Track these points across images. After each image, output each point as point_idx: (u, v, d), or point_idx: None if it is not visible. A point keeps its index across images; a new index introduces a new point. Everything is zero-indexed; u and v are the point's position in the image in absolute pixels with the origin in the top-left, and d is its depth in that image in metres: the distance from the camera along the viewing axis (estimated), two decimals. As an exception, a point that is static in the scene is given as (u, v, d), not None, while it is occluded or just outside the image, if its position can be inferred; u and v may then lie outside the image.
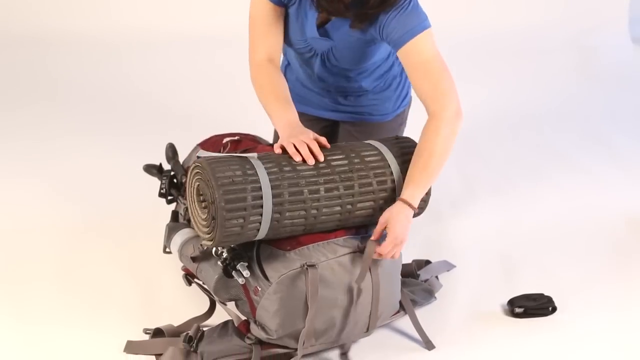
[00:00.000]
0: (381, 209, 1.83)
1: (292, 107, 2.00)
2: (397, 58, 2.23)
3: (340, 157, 1.83)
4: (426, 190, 1.84)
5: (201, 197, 1.77)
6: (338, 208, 1.79)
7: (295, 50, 2.12)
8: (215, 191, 1.67)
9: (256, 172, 1.72)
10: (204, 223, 1.75)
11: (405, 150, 1.89)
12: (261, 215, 1.70)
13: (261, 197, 1.69)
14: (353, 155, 1.84)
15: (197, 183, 1.76)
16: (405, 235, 1.79)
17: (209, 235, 1.74)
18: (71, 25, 4.11)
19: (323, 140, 1.84)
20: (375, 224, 1.83)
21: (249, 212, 1.69)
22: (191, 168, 1.78)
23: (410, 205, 1.79)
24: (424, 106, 1.89)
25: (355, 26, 1.94)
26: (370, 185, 1.82)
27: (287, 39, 2.09)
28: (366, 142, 1.93)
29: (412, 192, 1.80)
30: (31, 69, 3.82)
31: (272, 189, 1.71)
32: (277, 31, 2.03)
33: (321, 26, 2.01)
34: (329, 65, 2.12)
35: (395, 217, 1.78)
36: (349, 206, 1.80)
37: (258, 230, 1.72)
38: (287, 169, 1.75)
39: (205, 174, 1.71)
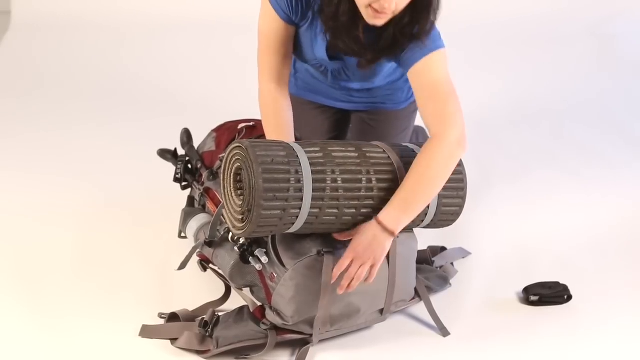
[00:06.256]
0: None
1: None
2: None
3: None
4: (412, 217, 1.72)
5: (238, 185, 1.72)
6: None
7: (307, 64, 2.09)
8: (254, 171, 1.62)
9: (300, 161, 1.68)
10: (239, 210, 1.70)
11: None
12: (300, 208, 1.67)
13: (301, 189, 1.66)
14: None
15: (237, 164, 1.71)
16: (372, 258, 1.69)
17: (242, 225, 1.68)
18: (85, 10, 4.11)
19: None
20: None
21: (290, 203, 1.64)
22: (230, 148, 1.73)
23: (384, 227, 1.70)
24: (428, 129, 1.79)
25: (363, 66, 1.88)
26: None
27: (299, 55, 2.03)
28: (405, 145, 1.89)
29: (390, 214, 1.70)
30: (46, 53, 3.82)
31: (313, 182, 1.67)
32: (287, 49, 1.95)
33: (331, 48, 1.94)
34: (341, 79, 2.10)
35: (361, 234, 1.70)
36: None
37: (293, 223, 1.69)
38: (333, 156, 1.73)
39: (245, 154, 1.65)
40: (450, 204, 1.86)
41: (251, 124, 2.17)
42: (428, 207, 1.83)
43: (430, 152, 1.73)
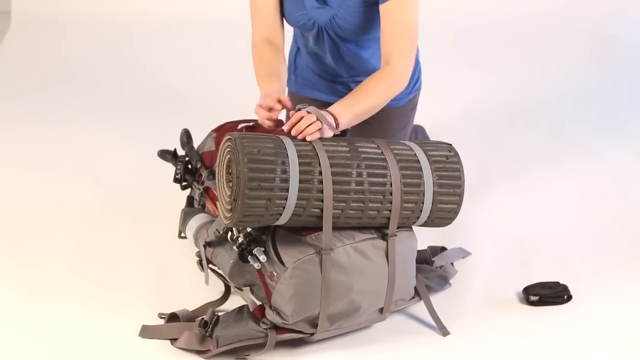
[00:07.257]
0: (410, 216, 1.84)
1: (276, 80, 2.02)
2: None
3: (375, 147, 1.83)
4: (352, 117, 1.86)
5: (230, 177, 1.74)
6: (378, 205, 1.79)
7: (299, 28, 2.13)
8: (240, 160, 1.64)
9: (287, 153, 1.70)
10: (228, 200, 1.73)
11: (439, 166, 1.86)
12: (286, 199, 1.69)
13: (288, 179, 1.68)
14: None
15: (228, 156, 1.74)
16: (317, 122, 1.77)
17: (230, 215, 1.71)
18: (86, 10, 4.11)
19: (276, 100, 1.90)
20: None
21: (275, 193, 1.67)
22: (223, 141, 1.76)
23: (335, 117, 1.81)
24: (384, 56, 1.98)
25: None
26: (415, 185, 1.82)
27: (288, 18, 2.11)
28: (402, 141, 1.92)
29: (340, 109, 1.83)
30: (46, 53, 3.82)
31: (300, 173, 1.70)
32: (275, 10, 2.06)
33: None
34: (336, 38, 2.12)
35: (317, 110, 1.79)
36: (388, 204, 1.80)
37: (280, 214, 1.71)
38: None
39: (234, 145, 1.68)
40: (446, 201, 1.86)
41: (251, 124, 2.17)
42: (422, 203, 1.83)
43: (383, 76, 1.95)
